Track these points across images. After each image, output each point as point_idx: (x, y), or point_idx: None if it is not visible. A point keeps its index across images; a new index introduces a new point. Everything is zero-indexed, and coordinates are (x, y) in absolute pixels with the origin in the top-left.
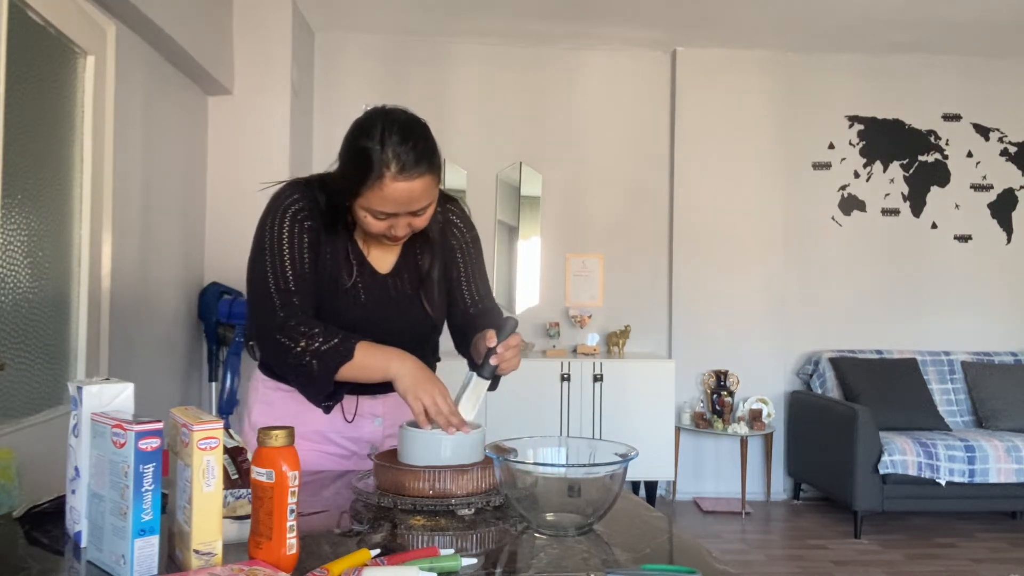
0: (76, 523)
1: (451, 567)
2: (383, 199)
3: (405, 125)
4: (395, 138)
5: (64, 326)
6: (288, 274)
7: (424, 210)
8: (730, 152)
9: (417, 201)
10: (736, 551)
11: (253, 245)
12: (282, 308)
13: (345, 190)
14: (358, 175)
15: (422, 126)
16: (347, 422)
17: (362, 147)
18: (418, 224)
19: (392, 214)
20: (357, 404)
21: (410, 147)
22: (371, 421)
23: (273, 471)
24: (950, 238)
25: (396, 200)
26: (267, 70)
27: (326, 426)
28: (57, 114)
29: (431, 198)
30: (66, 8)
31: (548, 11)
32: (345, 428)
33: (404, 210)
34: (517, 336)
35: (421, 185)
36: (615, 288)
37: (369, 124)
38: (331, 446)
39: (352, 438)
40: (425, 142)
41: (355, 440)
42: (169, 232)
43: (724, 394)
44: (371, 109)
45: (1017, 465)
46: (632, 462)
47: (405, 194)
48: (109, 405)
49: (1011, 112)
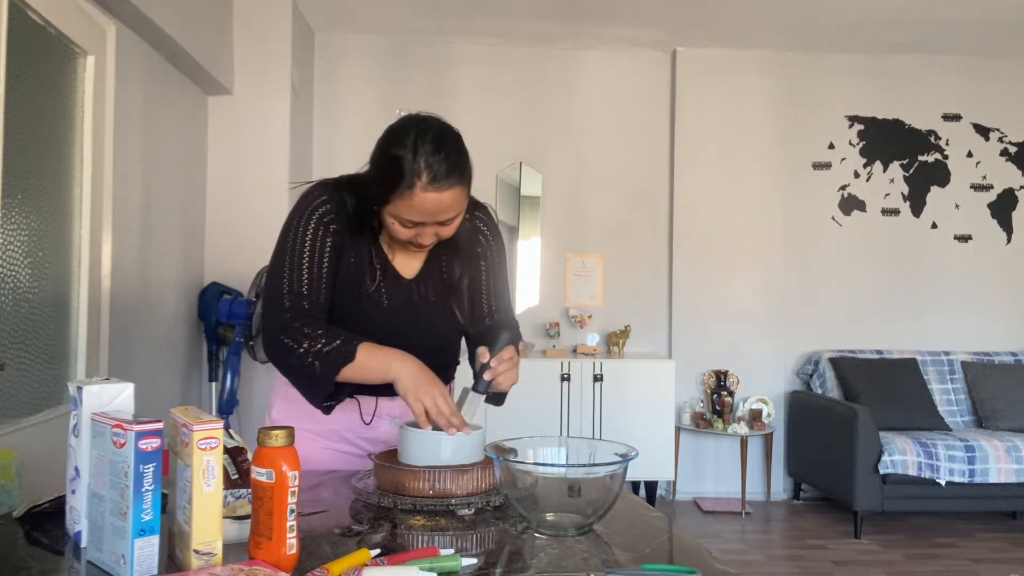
0: (76, 523)
1: (451, 567)
2: (412, 208)
3: (439, 135)
4: (428, 147)
5: (64, 326)
6: (304, 277)
7: (452, 220)
8: (730, 152)
9: (446, 212)
10: (736, 551)
11: (276, 243)
12: (291, 310)
13: (374, 195)
14: (388, 183)
15: (455, 136)
16: (365, 424)
17: (394, 155)
18: (445, 233)
19: (420, 223)
20: (376, 405)
21: (442, 158)
22: (388, 421)
23: (273, 471)
24: (950, 238)
25: (425, 210)
26: (267, 70)
27: (343, 426)
28: (57, 114)
29: (460, 208)
30: (66, 8)
31: (548, 11)
32: (362, 428)
33: (432, 220)
34: (510, 349)
35: (451, 196)
36: (615, 288)
37: (402, 132)
38: (346, 445)
39: (369, 438)
40: (458, 153)
41: (371, 440)
42: (169, 232)
43: (724, 394)
44: (405, 116)
45: (1017, 465)
46: (632, 462)
47: (435, 204)
48: (109, 405)
49: (1011, 112)
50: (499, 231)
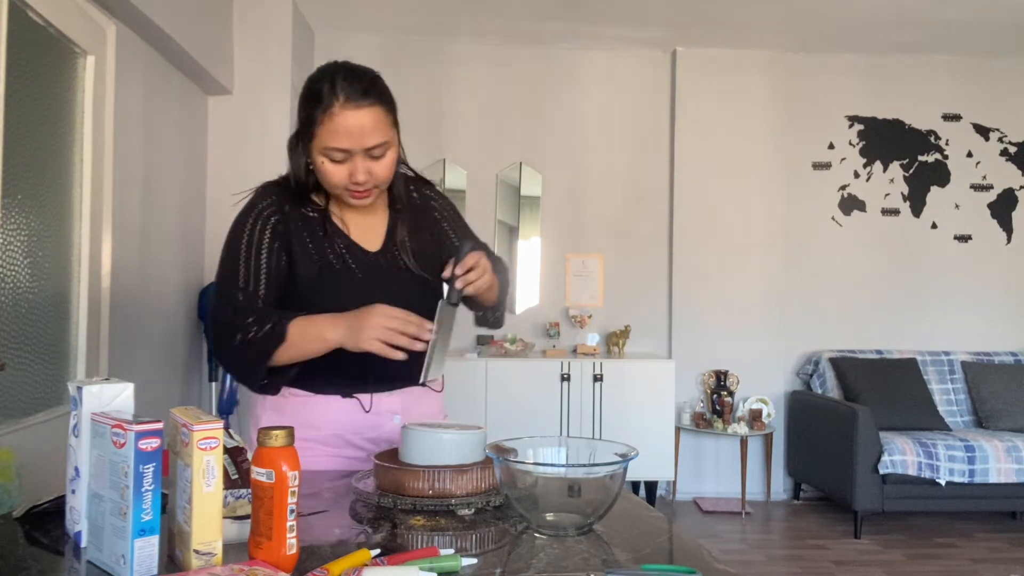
0: (76, 523)
1: (451, 567)
2: (336, 133)
3: (352, 68)
4: (342, 74)
5: (64, 326)
6: (240, 272)
7: (380, 150)
8: (730, 152)
9: (369, 135)
10: (736, 551)
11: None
12: (228, 305)
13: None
14: (309, 112)
15: (372, 72)
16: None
17: (314, 88)
18: (378, 171)
19: (347, 151)
20: (371, 401)
21: (356, 80)
22: (389, 419)
23: (273, 471)
24: (950, 238)
25: (348, 131)
26: (267, 70)
27: (344, 428)
28: (57, 114)
29: (385, 136)
30: (66, 8)
31: (548, 11)
32: (364, 428)
33: (358, 146)
34: (474, 255)
35: (371, 116)
36: (615, 288)
37: (319, 70)
38: (351, 449)
39: (372, 439)
40: (372, 81)
41: (375, 440)
42: (169, 232)
43: (724, 394)
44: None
45: (1017, 465)
46: (632, 462)
47: (356, 123)
48: (109, 405)
49: (1011, 112)
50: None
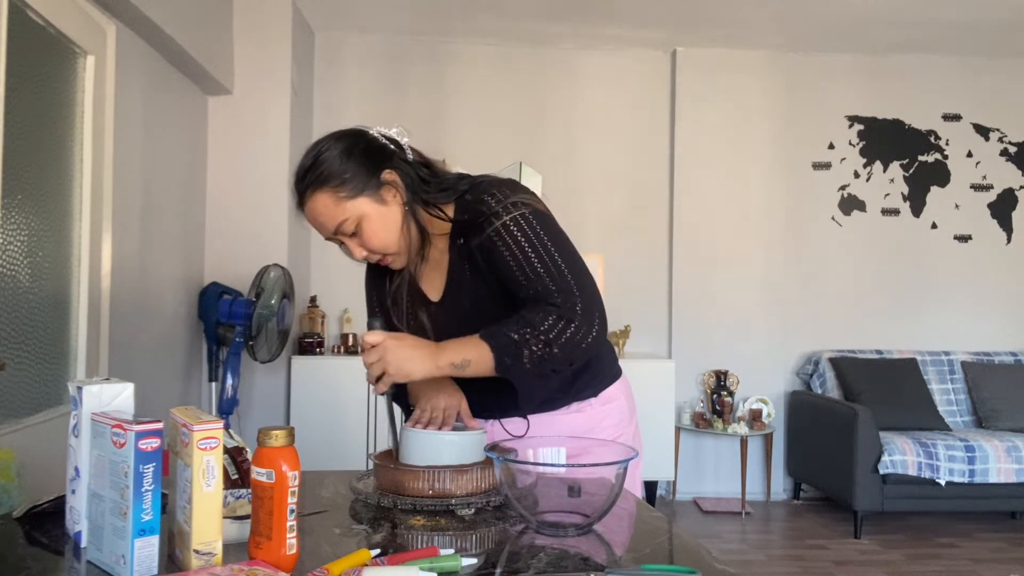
0: (76, 523)
1: (451, 567)
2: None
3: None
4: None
5: (64, 326)
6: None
7: (348, 226)
8: (730, 152)
9: (327, 222)
10: (736, 551)
11: None
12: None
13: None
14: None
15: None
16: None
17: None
18: (367, 245)
19: (330, 239)
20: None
21: (297, 180)
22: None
23: (273, 471)
24: (950, 238)
25: (314, 224)
26: (267, 70)
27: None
28: (57, 114)
29: (341, 215)
30: (66, 8)
31: (548, 11)
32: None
33: (327, 232)
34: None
35: (318, 205)
36: (615, 288)
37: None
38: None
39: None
40: (307, 171)
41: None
42: (169, 232)
43: (724, 394)
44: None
45: (1017, 465)
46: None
47: (312, 218)
48: (109, 405)
49: (1011, 112)
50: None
